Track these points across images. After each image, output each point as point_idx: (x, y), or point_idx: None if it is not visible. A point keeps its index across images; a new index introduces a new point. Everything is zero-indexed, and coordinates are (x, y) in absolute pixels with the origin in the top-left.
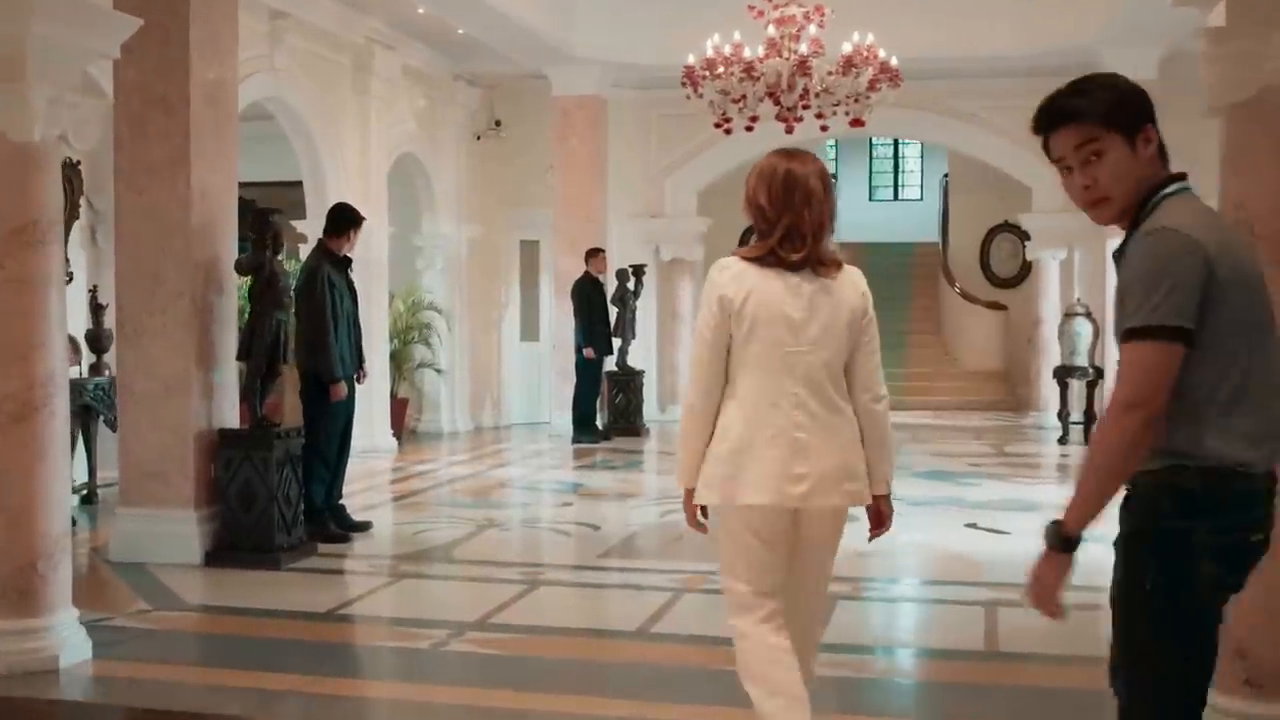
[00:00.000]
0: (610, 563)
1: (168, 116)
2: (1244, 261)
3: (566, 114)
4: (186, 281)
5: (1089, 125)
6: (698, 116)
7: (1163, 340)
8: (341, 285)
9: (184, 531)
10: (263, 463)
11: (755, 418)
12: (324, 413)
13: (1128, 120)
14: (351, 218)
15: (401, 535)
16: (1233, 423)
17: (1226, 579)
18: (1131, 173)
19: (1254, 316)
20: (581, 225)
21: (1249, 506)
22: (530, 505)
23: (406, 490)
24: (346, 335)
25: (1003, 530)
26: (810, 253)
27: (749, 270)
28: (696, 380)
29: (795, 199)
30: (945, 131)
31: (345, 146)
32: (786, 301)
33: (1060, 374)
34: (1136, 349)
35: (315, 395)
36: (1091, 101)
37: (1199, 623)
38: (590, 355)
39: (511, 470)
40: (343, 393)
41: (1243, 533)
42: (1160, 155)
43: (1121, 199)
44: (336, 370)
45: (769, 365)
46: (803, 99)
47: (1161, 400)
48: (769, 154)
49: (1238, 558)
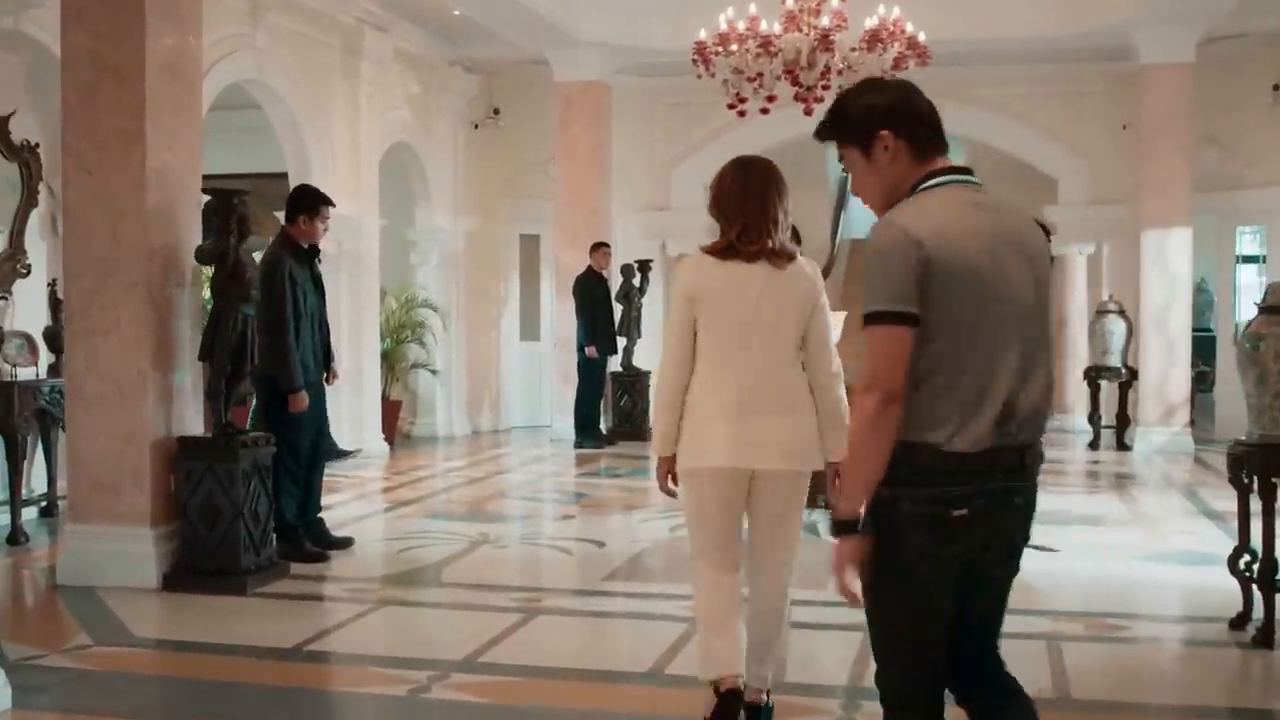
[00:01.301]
0: (616, 586)
1: (120, 86)
2: (962, 249)
3: (569, 101)
4: (141, 271)
5: (835, 143)
6: (705, 105)
7: (885, 324)
8: (305, 280)
9: (139, 551)
10: (227, 474)
11: (720, 392)
12: (287, 422)
13: (857, 133)
14: (313, 199)
15: (387, 553)
16: (924, 401)
17: (933, 550)
18: (875, 179)
19: (964, 301)
20: (584, 218)
21: (945, 483)
22: (529, 518)
23: (396, 500)
24: (310, 336)
25: (1050, 547)
26: (764, 246)
27: (712, 263)
28: (668, 361)
29: (751, 200)
30: (964, 120)
31: (334, 134)
32: (744, 289)
33: (1091, 375)
34: (869, 334)
35: (276, 403)
36: (829, 121)
37: (913, 589)
38: (593, 355)
39: (510, 478)
40: (303, 404)
41: (940, 506)
42: (922, 152)
43: (877, 203)
44: (295, 378)
45: (730, 345)
46: (824, 77)
47: (892, 380)
48: (729, 162)
49: (941, 531)
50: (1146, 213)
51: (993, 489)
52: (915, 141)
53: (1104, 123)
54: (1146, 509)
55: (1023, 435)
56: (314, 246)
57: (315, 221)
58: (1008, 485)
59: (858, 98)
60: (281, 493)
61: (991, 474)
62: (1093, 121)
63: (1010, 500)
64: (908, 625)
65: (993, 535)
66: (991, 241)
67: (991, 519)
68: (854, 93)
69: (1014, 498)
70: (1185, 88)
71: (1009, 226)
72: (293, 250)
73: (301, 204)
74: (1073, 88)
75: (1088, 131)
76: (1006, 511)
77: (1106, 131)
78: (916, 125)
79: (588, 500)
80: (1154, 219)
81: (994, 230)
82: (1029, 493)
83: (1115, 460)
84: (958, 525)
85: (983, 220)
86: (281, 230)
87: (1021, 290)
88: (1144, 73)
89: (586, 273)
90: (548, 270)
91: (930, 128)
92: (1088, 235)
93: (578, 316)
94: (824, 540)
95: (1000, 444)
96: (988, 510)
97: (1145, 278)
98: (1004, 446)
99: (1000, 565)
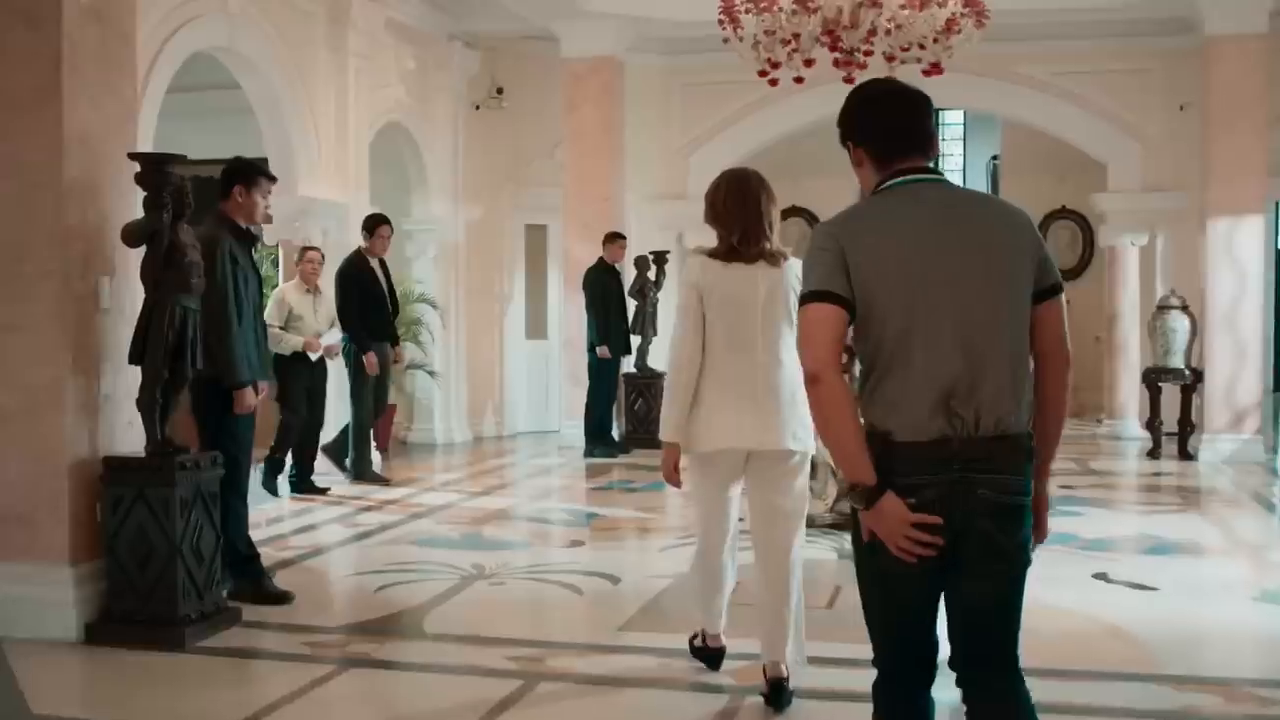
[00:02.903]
0: (634, 638)
1: (32, 33)
2: (882, 243)
3: (578, 79)
4: (58, 258)
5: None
6: (726, 86)
7: (809, 303)
8: (246, 264)
9: (56, 597)
10: (163, 502)
11: (724, 380)
12: (229, 431)
13: (841, 141)
14: (249, 168)
15: (361, 591)
16: (873, 391)
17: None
18: (859, 181)
19: (892, 293)
20: (595, 206)
21: (900, 472)
22: (533, 545)
23: (380, 522)
24: (253, 329)
25: (1147, 585)
26: (762, 249)
27: (715, 264)
28: (678, 355)
29: (749, 207)
30: (1006, 100)
31: (318, 112)
32: (744, 288)
33: (1151, 377)
34: (799, 317)
35: (215, 407)
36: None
37: (878, 574)
38: (605, 355)
39: (512, 495)
40: (250, 402)
41: (901, 495)
42: (886, 157)
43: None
44: (241, 371)
45: (733, 339)
46: (868, 38)
47: (814, 359)
48: (722, 174)
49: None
50: (1213, 199)
51: (950, 480)
52: (876, 149)
53: (1159, 103)
54: (1241, 533)
55: (984, 426)
56: (252, 232)
57: (253, 194)
58: (969, 476)
59: (844, 105)
60: (231, 519)
61: (948, 464)
62: (1146, 102)
63: (973, 491)
64: (878, 608)
65: (962, 531)
66: (924, 233)
67: (951, 510)
68: (846, 99)
69: (977, 489)
70: (1259, 62)
71: (957, 219)
72: (231, 230)
73: (237, 174)
74: (1125, 65)
75: (1141, 112)
76: (969, 503)
77: (1162, 112)
78: (876, 134)
79: (599, 522)
80: (1222, 206)
81: (932, 223)
82: (1000, 486)
83: (1180, 471)
84: (923, 513)
85: (919, 214)
86: (216, 210)
87: (966, 281)
88: (1210, 46)
89: (598, 265)
90: (555, 263)
91: (893, 134)
92: (1140, 224)
93: (588, 313)
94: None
95: (951, 434)
96: (945, 500)
97: (1211, 270)
98: (959, 437)
99: (985, 563)
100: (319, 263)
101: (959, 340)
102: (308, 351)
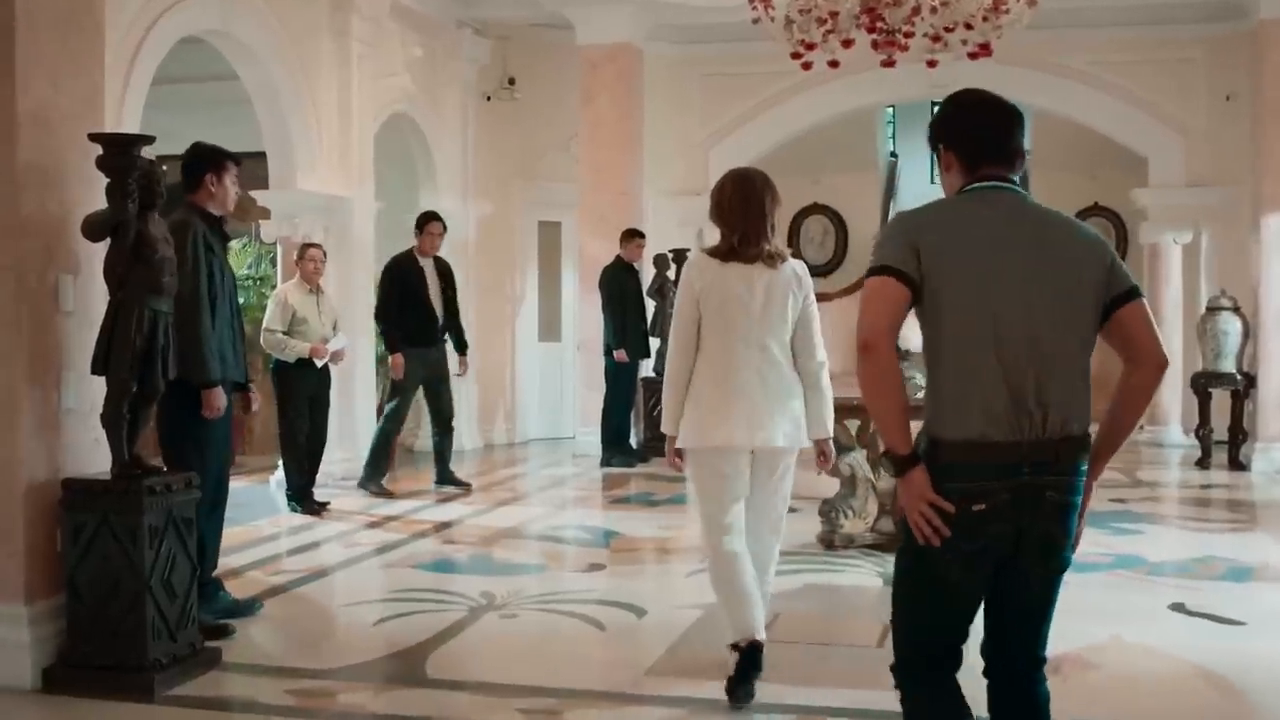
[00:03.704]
0: (661, 685)
1: None
2: (955, 240)
3: (594, 68)
4: (11, 252)
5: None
6: (748, 77)
7: (873, 275)
8: (221, 254)
9: (9, 638)
10: (129, 531)
11: (721, 378)
12: (197, 437)
13: (931, 143)
14: (215, 153)
15: (357, 626)
16: (943, 393)
17: (954, 542)
18: (944, 184)
19: (964, 291)
20: (613, 201)
21: (967, 476)
22: (547, 569)
23: (382, 541)
24: (228, 325)
25: (1232, 619)
26: (761, 250)
27: (714, 264)
28: (675, 351)
29: (751, 209)
30: (1043, 91)
31: (320, 102)
32: (743, 287)
33: (1200, 382)
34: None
35: (181, 413)
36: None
37: (931, 577)
38: (623, 359)
39: (525, 509)
40: (219, 404)
41: (963, 501)
42: (973, 164)
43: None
44: (211, 367)
45: (730, 337)
46: (911, 17)
47: (870, 330)
48: (728, 174)
49: (964, 525)
50: (1269, 194)
51: (1020, 484)
52: (965, 155)
53: (1204, 93)
54: None
55: (1051, 429)
56: (225, 230)
57: (225, 180)
58: (1038, 480)
59: (938, 110)
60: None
61: (1017, 468)
62: (1190, 92)
63: (1042, 495)
64: (926, 613)
65: (1024, 532)
66: (998, 235)
67: (1019, 514)
68: (941, 104)
69: (1045, 491)
70: None
71: (1033, 226)
72: (204, 218)
73: (206, 162)
74: (1167, 54)
75: (1184, 103)
76: (1037, 507)
77: (1207, 103)
78: (967, 140)
79: (620, 541)
80: (1278, 201)
81: (1006, 225)
82: (1064, 488)
83: (1233, 483)
84: (979, 519)
85: (994, 217)
86: (186, 202)
87: (1036, 284)
88: (1264, 31)
89: (615, 264)
90: (570, 262)
91: (983, 142)
92: (1184, 221)
93: (605, 314)
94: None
95: (1021, 438)
96: (1014, 505)
97: (1266, 269)
98: (1028, 440)
99: (1037, 565)
100: (321, 261)
101: (1028, 342)
102: (313, 358)
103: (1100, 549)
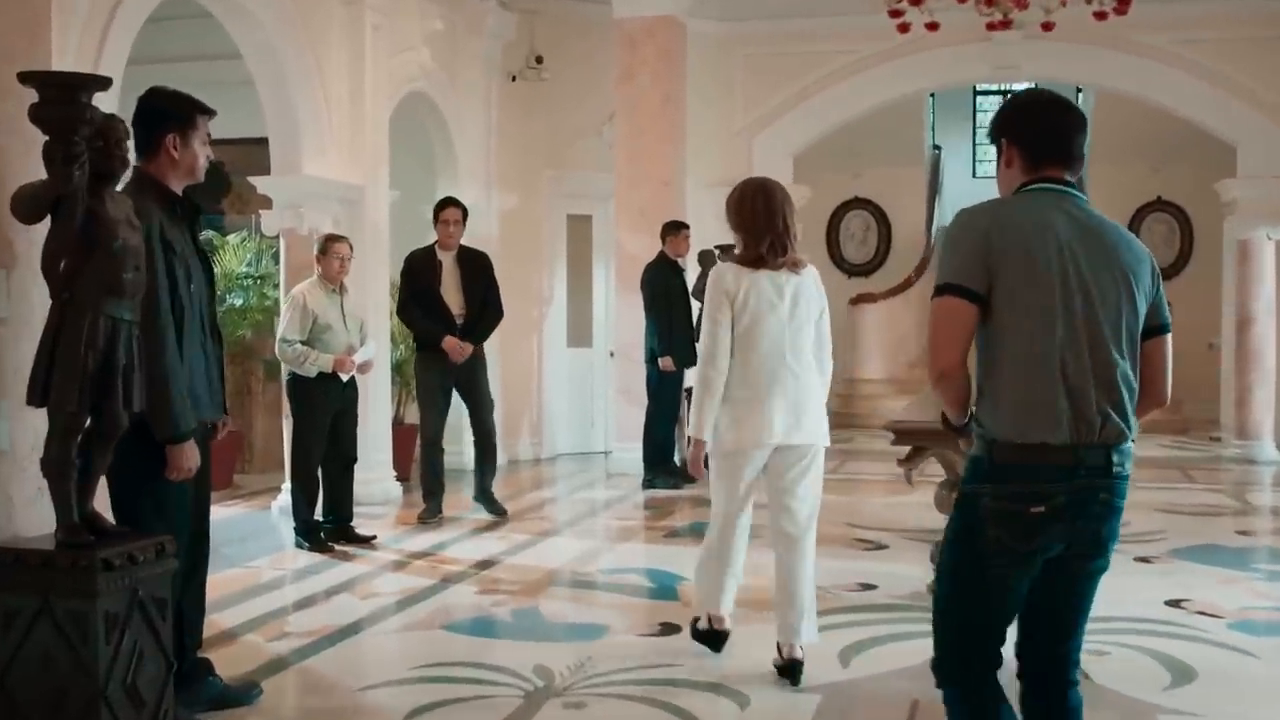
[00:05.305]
0: None
1: None
2: (1024, 239)
3: (632, 44)
4: None
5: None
6: (795, 57)
7: (944, 296)
8: (186, 250)
9: None
10: (75, 620)
11: (755, 380)
12: (154, 502)
13: (993, 136)
14: (179, 104)
15: None
16: (1004, 395)
17: (1010, 544)
18: (1002, 179)
19: (1031, 293)
20: (654, 192)
21: (1025, 479)
22: (610, 632)
23: (404, 589)
24: (201, 346)
25: None
26: (786, 257)
27: (744, 272)
28: (712, 357)
29: (776, 218)
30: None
31: (329, 78)
32: (771, 294)
33: None
34: (933, 307)
35: (135, 462)
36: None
37: (983, 578)
38: (669, 367)
39: (567, 543)
40: (189, 464)
41: (1020, 503)
42: (1035, 162)
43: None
44: (179, 417)
45: (764, 341)
46: None
47: (944, 358)
48: (747, 183)
49: (1018, 526)
50: None
51: (1076, 486)
52: (1029, 151)
53: None
54: None
55: (1106, 433)
56: (194, 202)
57: (193, 141)
58: (1093, 483)
59: (1005, 103)
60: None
61: (1074, 471)
62: None
63: (1095, 497)
64: (973, 612)
65: (1077, 533)
66: (1064, 240)
67: (1075, 516)
68: (1009, 99)
69: (1099, 494)
70: None
71: (1093, 233)
72: (160, 199)
73: (165, 117)
74: (1258, 32)
75: (1277, 87)
76: (1091, 508)
77: None
78: (1033, 137)
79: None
80: None
81: (1074, 230)
82: (1115, 491)
83: None
84: (1036, 521)
85: (1063, 220)
86: (136, 171)
87: (1102, 293)
88: None
89: (659, 261)
90: (603, 259)
91: (1049, 142)
92: (1278, 215)
93: (648, 317)
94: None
95: (1078, 441)
96: (1070, 507)
97: None
98: (1085, 444)
99: (1084, 565)
100: (348, 257)
101: (1091, 349)
102: (338, 371)
103: (1246, 597)
